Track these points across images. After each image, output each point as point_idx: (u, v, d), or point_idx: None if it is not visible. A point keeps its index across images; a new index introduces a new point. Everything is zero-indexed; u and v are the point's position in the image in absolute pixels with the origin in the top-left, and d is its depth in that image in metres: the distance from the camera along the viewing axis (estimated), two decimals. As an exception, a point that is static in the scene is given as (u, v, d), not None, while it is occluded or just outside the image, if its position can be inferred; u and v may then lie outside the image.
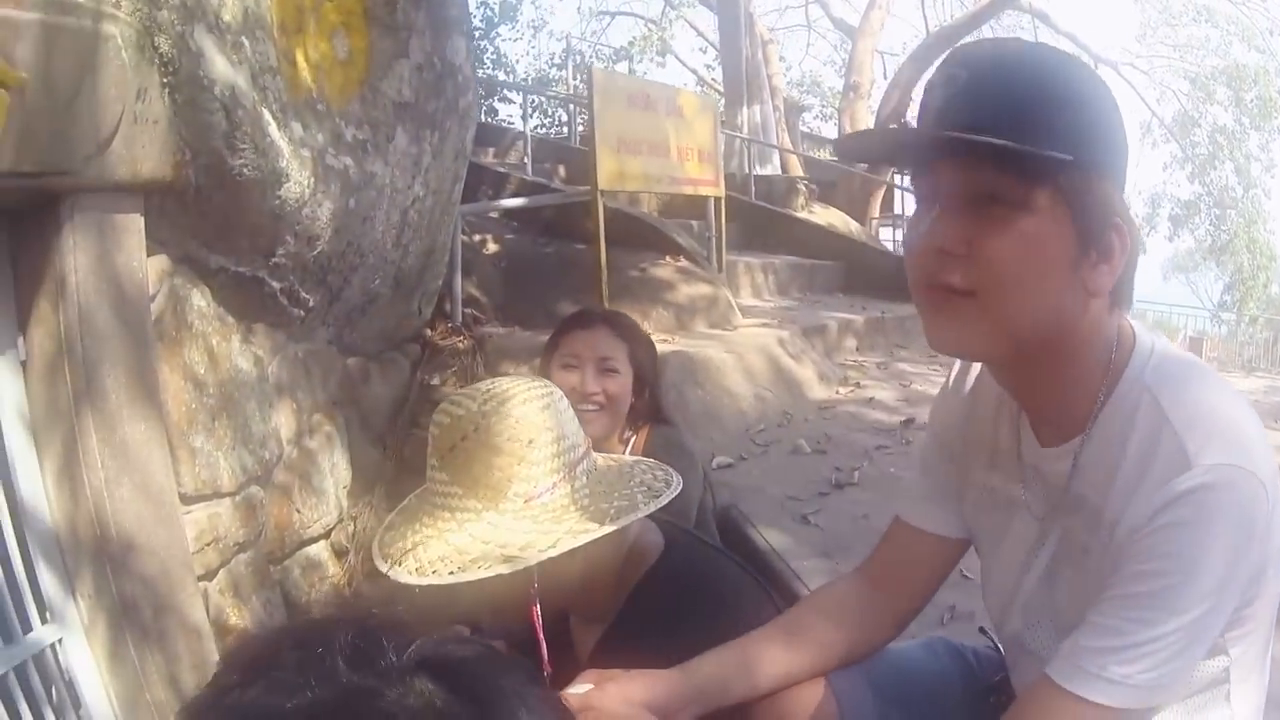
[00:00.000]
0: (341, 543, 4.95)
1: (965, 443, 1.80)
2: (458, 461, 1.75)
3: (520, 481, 1.73)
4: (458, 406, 1.79)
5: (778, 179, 15.01)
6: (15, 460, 3.03)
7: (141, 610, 3.16)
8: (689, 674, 1.72)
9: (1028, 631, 1.70)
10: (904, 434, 5.85)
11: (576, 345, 3.16)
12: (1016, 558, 1.70)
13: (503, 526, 1.71)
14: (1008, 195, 1.39)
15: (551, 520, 1.72)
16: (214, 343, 3.82)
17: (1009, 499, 1.71)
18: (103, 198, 3.09)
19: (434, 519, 1.76)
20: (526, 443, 1.74)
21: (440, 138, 5.17)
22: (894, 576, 1.91)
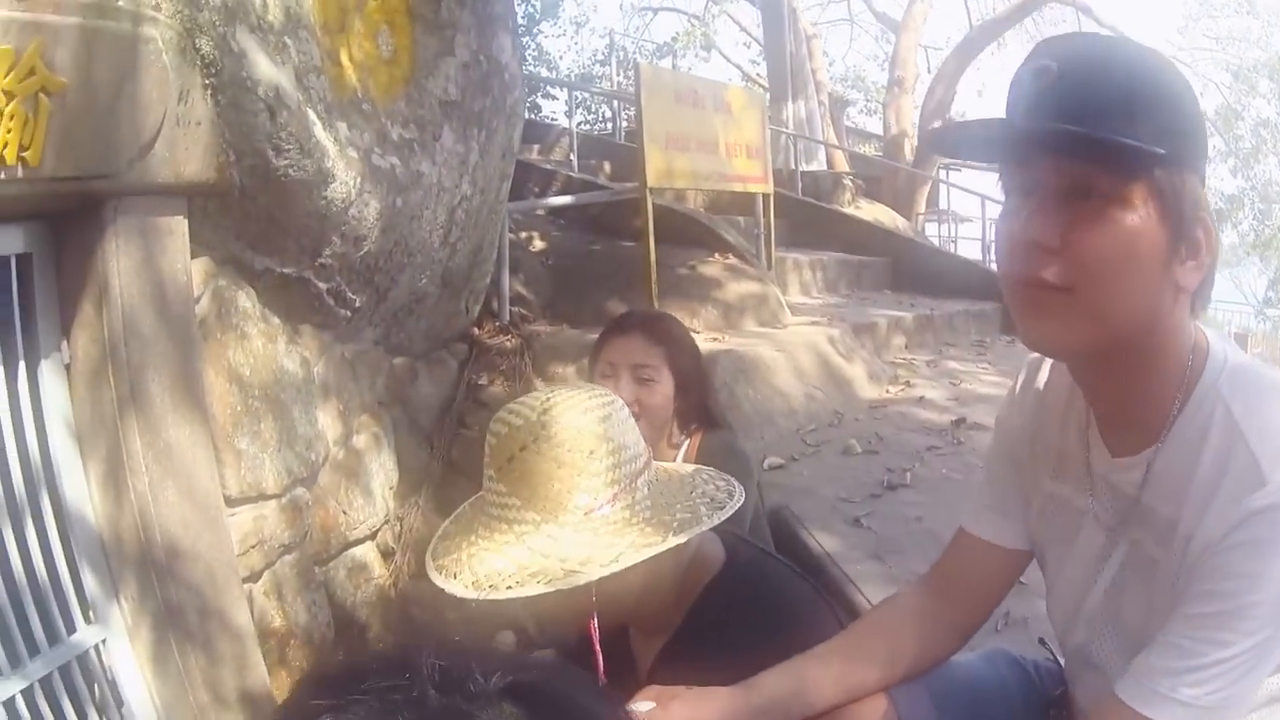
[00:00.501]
0: (388, 544, 4.89)
1: (1032, 451, 1.77)
2: (516, 472, 1.68)
3: (580, 493, 1.67)
4: (516, 416, 1.73)
5: (824, 175, 14.87)
6: (60, 464, 3.01)
7: (185, 613, 3.14)
8: (751, 692, 1.69)
9: (1092, 644, 1.66)
10: (955, 434, 5.74)
11: (613, 353, 3.11)
12: (1083, 569, 1.66)
13: (562, 540, 1.65)
14: (1104, 189, 1.36)
15: (613, 534, 1.66)
16: (259, 344, 3.77)
17: (1076, 509, 1.67)
18: (145, 201, 3.05)
19: (490, 530, 1.71)
20: (587, 454, 1.68)
21: (487, 136, 5.10)
22: (957, 588, 1.87)
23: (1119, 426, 1.58)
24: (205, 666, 3.17)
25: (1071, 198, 1.38)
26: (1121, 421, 1.57)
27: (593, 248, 8.32)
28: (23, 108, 2.44)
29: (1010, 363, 7.95)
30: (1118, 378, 1.51)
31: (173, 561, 3.12)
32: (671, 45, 27.52)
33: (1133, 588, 1.58)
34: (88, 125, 2.69)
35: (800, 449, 5.45)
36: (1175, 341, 1.47)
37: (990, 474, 1.90)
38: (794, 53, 16.97)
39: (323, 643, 4.06)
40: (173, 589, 3.11)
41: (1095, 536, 1.63)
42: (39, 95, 2.49)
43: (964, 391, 6.87)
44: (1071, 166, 1.37)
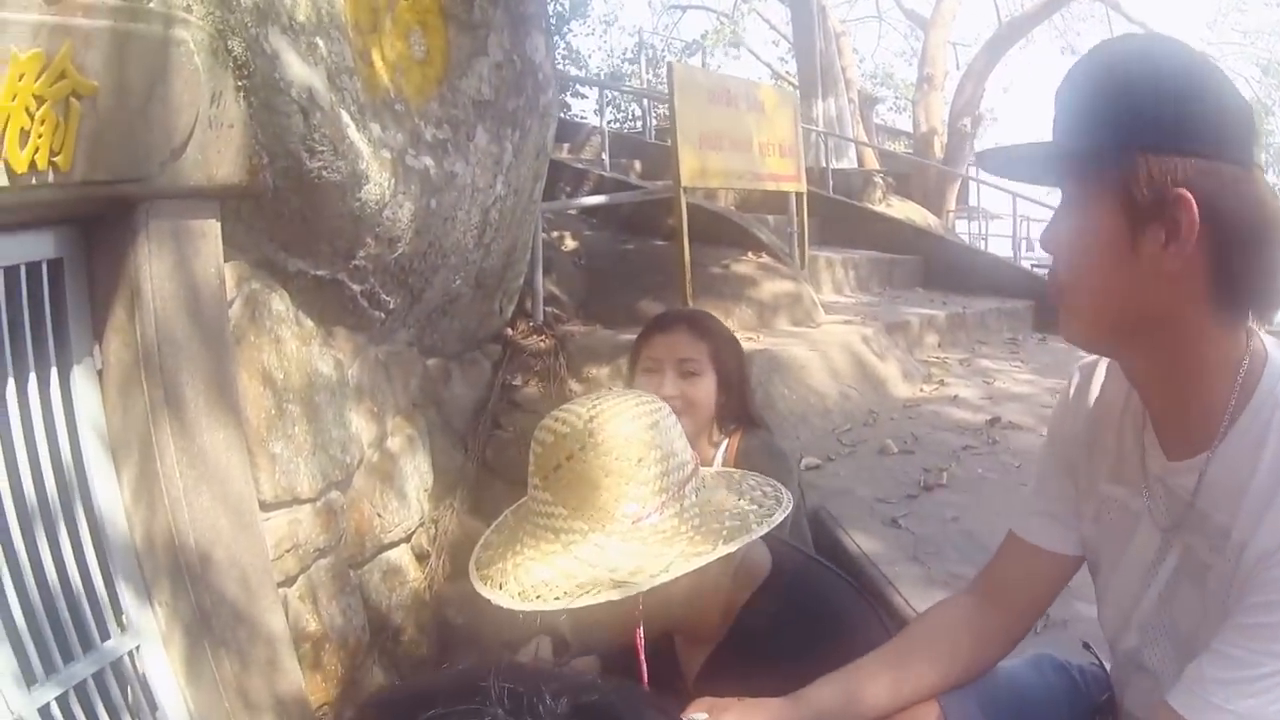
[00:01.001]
0: (423, 546, 4.84)
1: (1089, 454, 1.75)
2: (562, 481, 1.64)
3: (629, 502, 1.63)
4: (561, 424, 1.67)
5: (854, 173, 14.79)
6: (92, 470, 2.98)
7: (219, 619, 3.11)
8: (801, 703, 1.66)
9: (1145, 649, 1.65)
10: (990, 434, 5.66)
11: (657, 349, 3.07)
12: (1137, 571, 1.64)
13: (610, 549, 1.61)
14: (1070, 191, 1.47)
15: (662, 543, 1.62)
16: (293, 347, 3.73)
17: (1132, 511, 1.65)
18: (178, 204, 3.01)
19: (536, 540, 1.66)
20: (635, 461, 1.64)
21: (521, 136, 5.05)
22: (1007, 593, 1.85)
23: (1174, 429, 1.55)
24: (239, 672, 3.13)
25: (1064, 200, 1.48)
26: (1176, 424, 1.55)
27: (625, 247, 8.28)
28: (54, 112, 2.40)
29: (1043, 360, 7.90)
30: (1161, 377, 1.51)
31: (206, 567, 3.08)
32: (700, 43, 27.50)
33: (1185, 593, 1.55)
34: (119, 128, 2.65)
35: (836, 449, 5.39)
36: (1213, 341, 1.45)
37: (1042, 479, 1.87)
38: (823, 50, 16.90)
39: (358, 646, 4.02)
40: (206, 595, 3.07)
41: (1150, 539, 1.61)
42: (70, 99, 2.45)
43: (998, 390, 6.80)
44: (1067, 177, 1.47)
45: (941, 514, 4.43)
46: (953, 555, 3.95)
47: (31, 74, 2.31)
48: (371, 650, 4.20)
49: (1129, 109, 1.37)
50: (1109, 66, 1.43)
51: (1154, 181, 1.36)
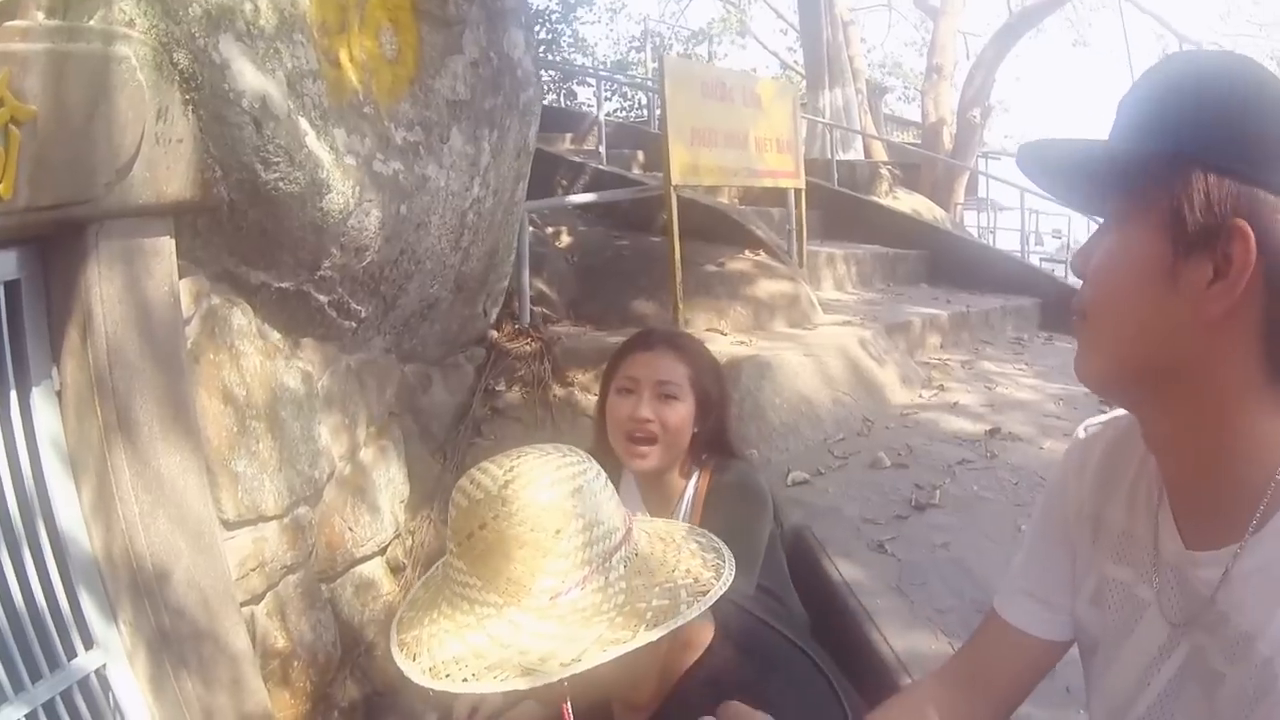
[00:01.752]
0: (398, 558, 4.81)
1: (1092, 528, 1.57)
2: (476, 551, 1.53)
3: (545, 576, 1.52)
4: (476, 487, 1.56)
5: (860, 164, 14.70)
6: (54, 489, 2.98)
7: (181, 639, 3.11)
8: None
9: None
10: (989, 446, 5.60)
11: (635, 368, 2.94)
12: (1136, 667, 1.46)
13: (525, 628, 1.50)
14: (1114, 208, 1.30)
15: (580, 623, 1.51)
16: (256, 362, 3.70)
17: (1137, 599, 1.47)
18: (128, 223, 3.00)
19: (453, 609, 1.56)
20: (553, 533, 1.53)
21: (500, 136, 5.00)
22: (983, 678, 1.68)
23: (1197, 511, 1.36)
24: (202, 691, 3.13)
25: (1106, 221, 1.32)
26: (1200, 505, 1.35)
27: (620, 244, 8.23)
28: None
29: (1049, 362, 7.86)
30: (1187, 445, 1.31)
31: (165, 588, 3.07)
32: (707, 32, 27.41)
33: (1190, 701, 1.38)
34: (62, 151, 2.63)
35: (826, 461, 5.35)
36: (1255, 408, 1.24)
37: (1032, 553, 1.69)
38: (830, 39, 16.81)
39: (328, 663, 4.00)
40: (166, 615, 3.07)
41: (1156, 632, 1.42)
42: (8, 126, 2.43)
43: (999, 397, 6.75)
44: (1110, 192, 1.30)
45: (930, 539, 4.37)
46: (939, 587, 3.89)
47: (-33, 105, 2.29)
48: (343, 666, 4.17)
49: (1192, 119, 1.21)
50: (1178, 75, 1.28)
51: (1208, 204, 1.18)
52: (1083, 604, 1.58)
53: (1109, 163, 1.28)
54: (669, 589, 1.59)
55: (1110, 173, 1.28)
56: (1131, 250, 1.25)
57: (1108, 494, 1.54)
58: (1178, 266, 1.20)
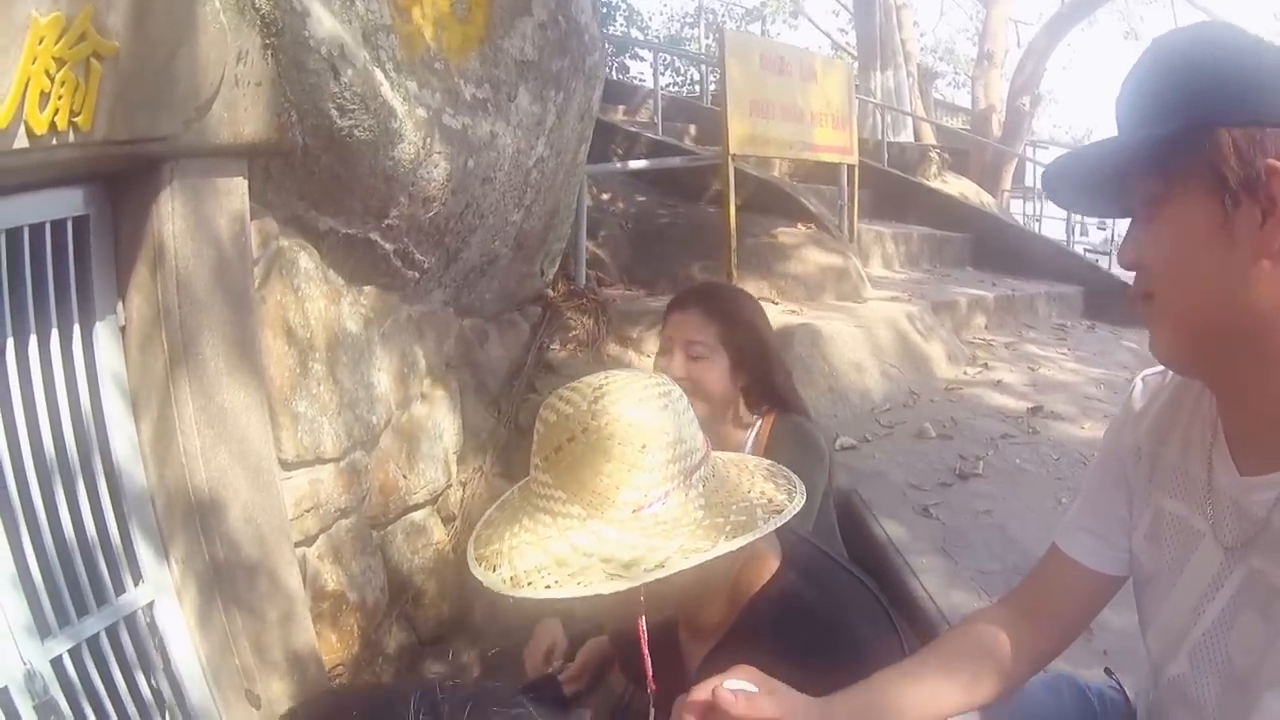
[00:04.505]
0: (449, 509, 4.78)
1: (1149, 467, 1.65)
2: (563, 464, 1.57)
3: (630, 490, 1.55)
4: (565, 403, 1.61)
5: (910, 146, 14.55)
6: (112, 425, 2.93)
7: (234, 575, 3.06)
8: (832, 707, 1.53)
9: (1192, 679, 1.52)
10: (1031, 423, 5.53)
11: (671, 327, 3.02)
12: (1193, 593, 1.53)
13: (608, 538, 1.53)
14: (1152, 190, 1.36)
15: (662, 535, 1.53)
16: (320, 306, 3.65)
17: (1193, 530, 1.55)
18: (203, 163, 2.94)
19: (534, 522, 1.59)
20: (639, 448, 1.56)
21: (565, 97, 4.93)
22: (1044, 609, 1.75)
23: (1252, 443, 1.45)
24: (252, 628, 3.09)
25: (1143, 208, 1.38)
26: (1254, 436, 1.44)
27: (675, 211, 8.20)
28: (73, 74, 2.32)
29: (1091, 348, 7.75)
30: (1252, 383, 1.38)
31: (221, 523, 3.03)
32: (760, 10, 27.21)
33: (1246, 623, 1.43)
34: (142, 88, 2.56)
35: (873, 429, 5.29)
36: None
37: (1090, 493, 1.78)
38: (883, 22, 16.64)
39: (376, 608, 3.97)
40: (221, 550, 3.02)
41: (1211, 558, 1.50)
42: (90, 60, 2.37)
43: (1042, 378, 6.65)
44: (1138, 180, 1.38)
45: (974, 505, 4.31)
46: (982, 550, 3.83)
47: (51, 37, 2.23)
48: (390, 612, 4.14)
49: (1203, 89, 1.30)
50: (1170, 53, 1.36)
51: (1243, 156, 1.27)
52: (1139, 540, 1.66)
53: (1134, 155, 1.36)
54: (745, 506, 1.61)
55: (1137, 163, 1.36)
56: (1184, 221, 1.32)
57: (1163, 436, 1.63)
58: (1230, 220, 1.28)
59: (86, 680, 2.74)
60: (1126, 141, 1.38)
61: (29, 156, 2.30)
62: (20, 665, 2.50)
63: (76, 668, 2.71)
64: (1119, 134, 1.41)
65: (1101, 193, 1.47)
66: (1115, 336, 8.34)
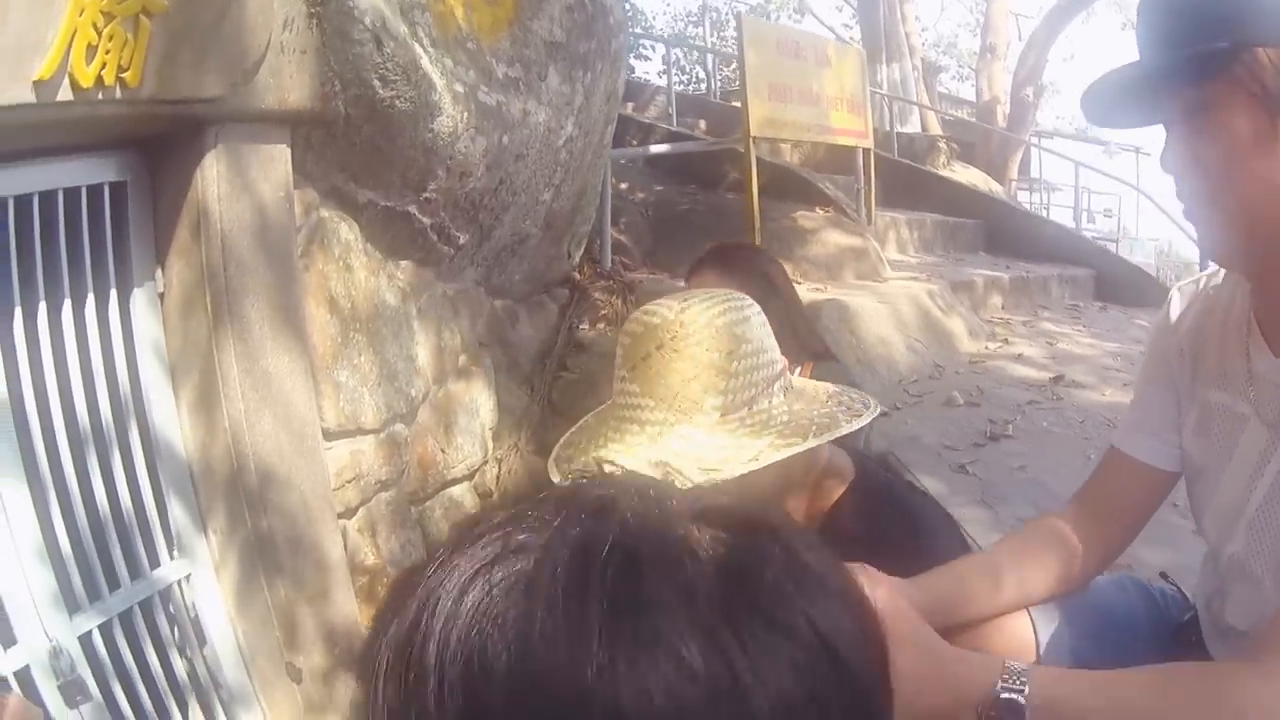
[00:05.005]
0: (486, 485, 4.74)
1: (1191, 363, 1.74)
2: (650, 371, 1.56)
3: (717, 394, 1.55)
4: (651, 316, 1.60)
5: (919, 137, 14.47)
6: (150, 394, 2.89)
7: (276, 545, 3.01)
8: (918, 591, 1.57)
9: (1250, 555, 1.59)
10: (1054, 390, 5.54)
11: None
12: (1244, 472, 1.60)
13: (698, 440, 1.52)
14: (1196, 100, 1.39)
15: (750, 435, 1.53)
16: (361, 276, 3.62)
17: (1237, 414, 1.63)
18: (248, 128, 2.91)
19: (621, 434, 1.58)
20: (725, 354, 1.56)
21: (592, 78, 4.90)
22: (1107, 506, 1.83)
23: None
24: (292, 601, 3.05)
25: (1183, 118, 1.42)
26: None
27: (693, 199, 8.19)
28: (122, 28, 2.29)
29: (1104, 326, 7.76)
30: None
31: (266, 490, 2.99)
32: (765, 6, 27.13)
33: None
34: (190, 48, 2.53)
35: (903, 399, 5.27)
36: None
37: (1141, 395, 1.87)
38: (887, 15, 16.56)
39: (416, 583, 3.92)
40: (264, 519, 2.98)
41: (1258, 437, 1.57)
42: (139, 16, 2.34)
43: (1060, 351, 6.64)
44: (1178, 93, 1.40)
45: (1008, 463, 4.32)
46: (1020, 501, 3.84)
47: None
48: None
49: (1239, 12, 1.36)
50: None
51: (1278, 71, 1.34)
52: (1188, 435, 1.73)
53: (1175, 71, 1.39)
54: (825, 412, 1.61)
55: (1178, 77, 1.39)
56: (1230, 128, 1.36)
57: (1202, 336, 1.71)
58: (1274, 127, 1.35)
59: (117, 658, 2.67)
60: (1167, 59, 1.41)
61: (72, 110, 2.27)
62: (45, 642, 2.43)
63: (106, 644, 2.64)
64: (1144, 52, 1.45)
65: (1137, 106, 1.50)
66: (1128, 317, 8.33)
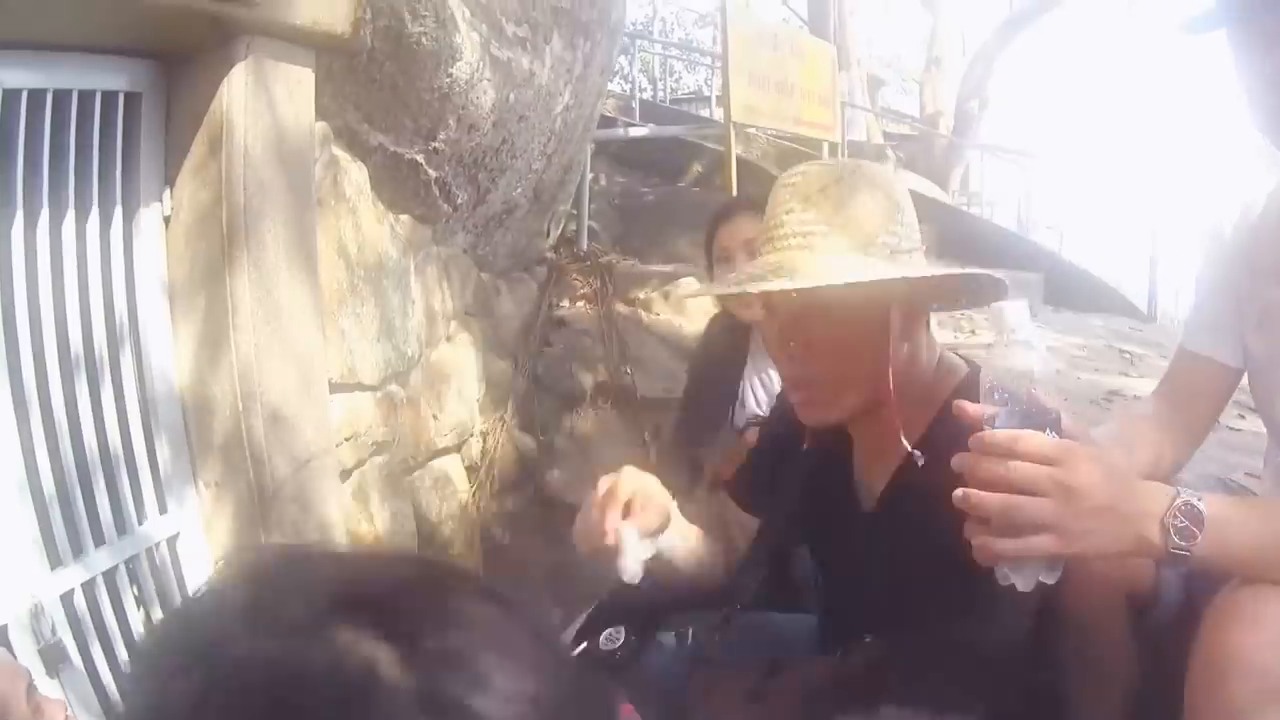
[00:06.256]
0: (472, 458, 4.53)
1: (1252, 269, 1.78)
2: (830, 200, 1.49)
3: (890, 234, 1.50)
4: (818, 165, 1.58)
5: (866, 144, 14.48)
6: (147, 328, 2.61)
7: (277, 498, 2.72)
8: None
9: None
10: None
11: (724, 238, 3.01)
12: None
13: (872, 265, 1.46)
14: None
15: (908, 269, 1.50)
16: (368, 223, 3.39)
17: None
18: (279, 45, 2.67)
19: (788, 257, 1.49)
20: (899, 199, 1.54)
21: (591, 48, 4.75)
22: (1183, 398, 1.90)
23: None
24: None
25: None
26: None
27: (658, 190, 8.26)
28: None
29: (1061, 325, 7.76)
30: None
31: (271, 430, 2.68)
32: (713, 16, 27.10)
33: None
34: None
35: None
36: None
37: (1201, 299, 1.93)
38: (838, 27, 16.59)
39: (406, 555, 3.69)
40: (267, 471, 2.68)
41: None
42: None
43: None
44: None
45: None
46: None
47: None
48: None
49: None
50: None
51: None
52: (1250, 332, 1.79)
53: None
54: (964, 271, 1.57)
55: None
56: None
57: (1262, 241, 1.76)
58: None
59: (99, 619, 2.38)
60: None
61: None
62: (27, 599, 2.14)
63: (89, 604, 2.35)
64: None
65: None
66: (1082, 319, 8.34)
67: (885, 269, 1.46)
